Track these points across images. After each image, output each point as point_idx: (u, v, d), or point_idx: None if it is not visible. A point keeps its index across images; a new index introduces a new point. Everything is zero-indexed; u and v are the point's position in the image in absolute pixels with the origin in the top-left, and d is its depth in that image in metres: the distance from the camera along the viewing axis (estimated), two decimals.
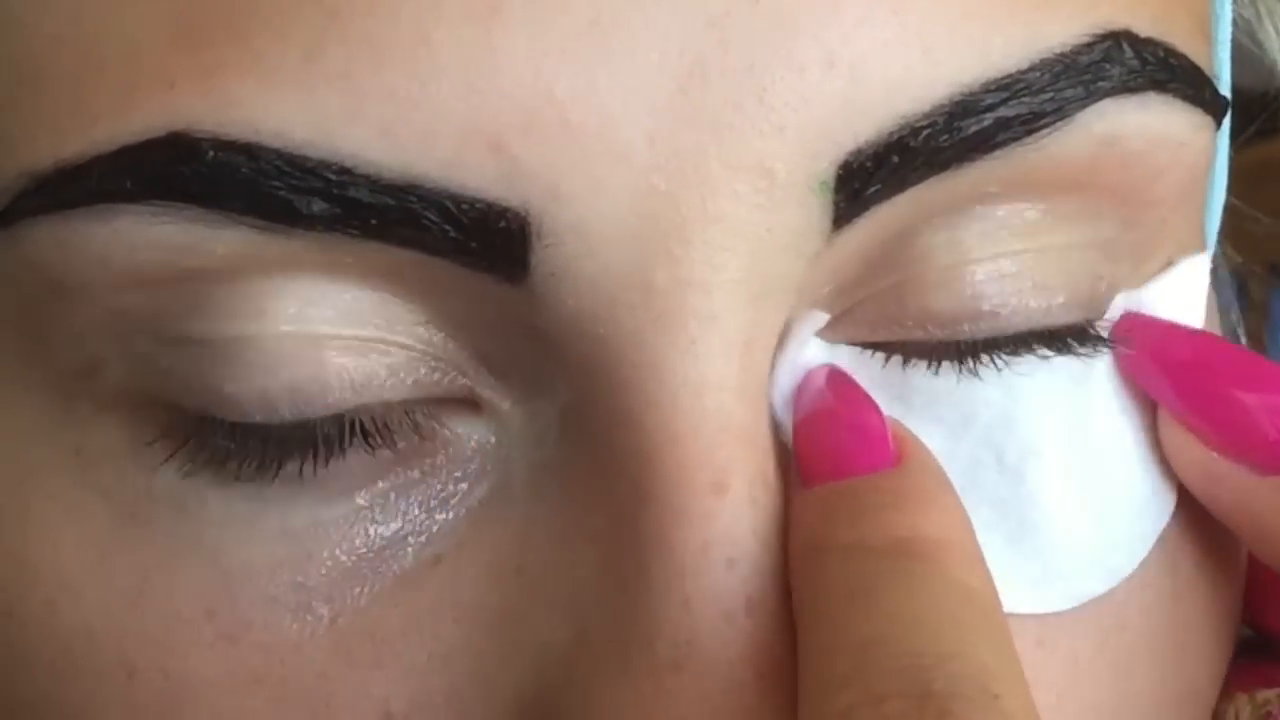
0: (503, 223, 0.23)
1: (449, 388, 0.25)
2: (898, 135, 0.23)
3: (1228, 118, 0.29)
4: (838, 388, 0.25)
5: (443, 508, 0.25)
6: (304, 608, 0.25)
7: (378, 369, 0.24)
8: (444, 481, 0.25)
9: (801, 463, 0.25)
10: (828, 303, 0.25)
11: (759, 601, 0.23)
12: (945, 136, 0.24)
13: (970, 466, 0.26)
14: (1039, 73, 0.24)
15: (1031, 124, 0.24)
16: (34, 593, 0.26)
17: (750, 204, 0.23)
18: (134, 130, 0.23)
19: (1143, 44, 0.25)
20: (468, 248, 0.23)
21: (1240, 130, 0.33)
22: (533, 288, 0.23)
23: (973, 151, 0.24)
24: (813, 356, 0.26)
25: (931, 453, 0.25)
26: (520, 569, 0.25)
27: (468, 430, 0.25)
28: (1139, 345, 0.27)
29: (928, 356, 0.26)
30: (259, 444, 0.25)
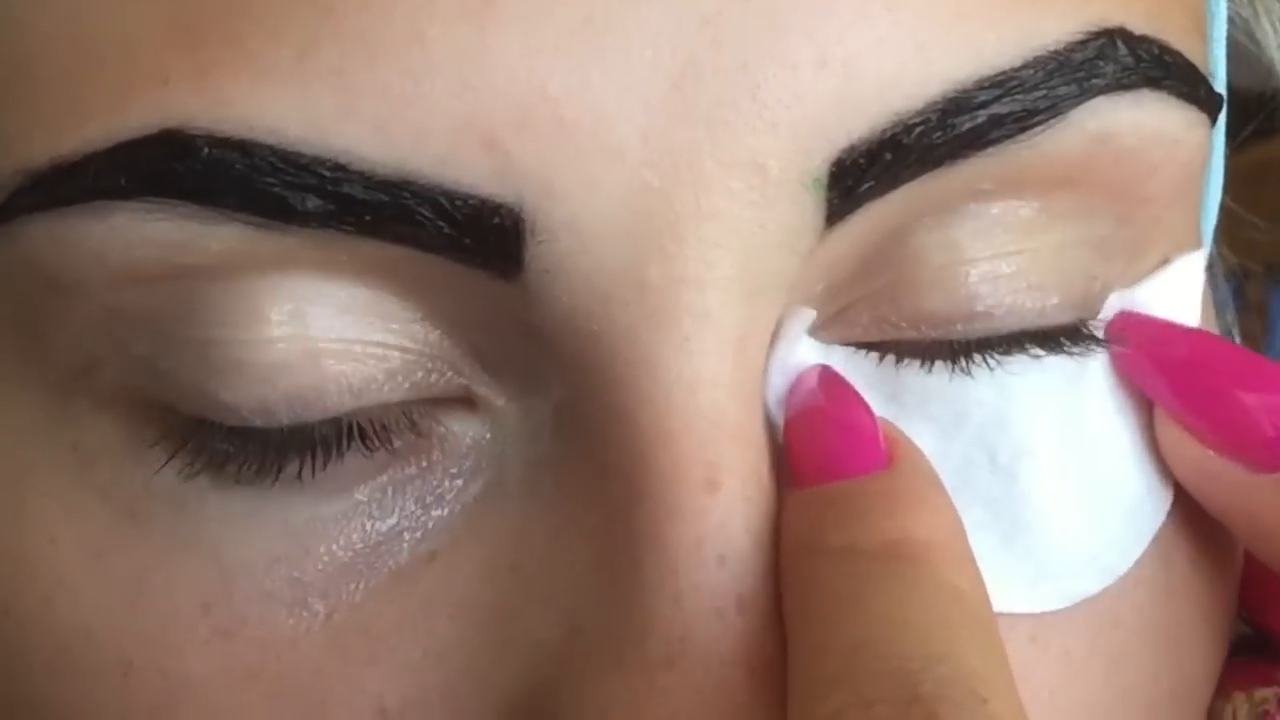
0: (496, 219, 0.23)
1: (445, 388, 0.25)
2: (891, 132, 0.23)
3: (1223, 115, 0.29)
4: (829, 388, 0.25)
5: (438, 504, 0.25)
6: (300, 603, 0.25)
7: (375, 373, 0.24)
8: (440, 478, 0.25)
9: (793, 463, 0.25)
10: (821, 301, 0.25)
11: (750, 599, 0.23)
12: (938, 134, 0.24)
13: (963, 466, 0.26)
14: (1033, 70, 0.24)
15: (1025, 121, 0.24)
16: (31, 591, 0.26)
17: (743, 201, 0.23)
18: (129, 127, 0.23)
19: (1137, 41, 0.25)
20: (462, 244, 0.23)
21: (1238, 130, 0.33)
22: (527, 284, 0.23)
23: (966, 149, 0.24)
24: (806, 356, 0.26)
25: (923, 453, 0.25)
26: (514, 566, 0.25)
27: (463, 427, 0.25)
28: (1134, 344, 0.27)
29: (921, 355, 0.26)
30: (258, 447, 0.25)
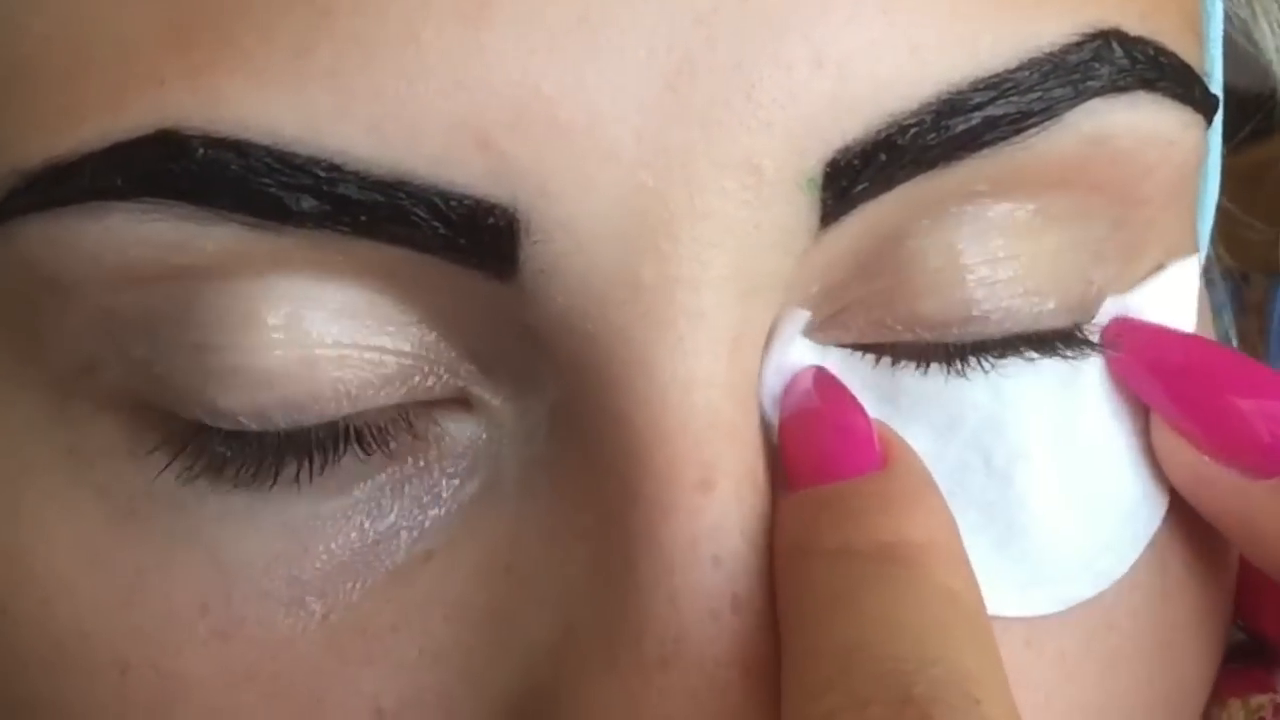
0: (491, 219, 0.23)
1: (442, 390, 0.25)
2: (885, 133, 0.23)
3: (1220, 116, 0.29)
4: (824, 389, 0.25)
5: (435, 503, 0.25)
6: (297, 603, 0.25)
7: (371, 378, 0.24)
8: (436, 477, 0.25)
9: (788, 464, 0.25)
10: (816, 302, 0.25)
11: (745, 599, 0.23)
12: (933, 135, 0.24)
13: (958, 469, 0.26)
14: (1028, 72, 0.24)
15: (1020, 123, 0.24)
16: (28, 591, 0.26)
17: (738, 201, 0.23)
18: (124, 128, 0.23)
19: (1132, 42, 0.25)
20: (457, 244, 0.23)
21: (1236, 131, 0.33)
22: (522, 284, 0.23)
23: (961, 150, 0.24)
24: (802, 357, 0.26)
25: (917, 455, 0.25)
26: (510, 567, 0.25)
27: (459, 427, 0.25)
28: (1129, 348, 0.27)
29: (916, 358, 0.26)
30: (255, 451, 0.25)
